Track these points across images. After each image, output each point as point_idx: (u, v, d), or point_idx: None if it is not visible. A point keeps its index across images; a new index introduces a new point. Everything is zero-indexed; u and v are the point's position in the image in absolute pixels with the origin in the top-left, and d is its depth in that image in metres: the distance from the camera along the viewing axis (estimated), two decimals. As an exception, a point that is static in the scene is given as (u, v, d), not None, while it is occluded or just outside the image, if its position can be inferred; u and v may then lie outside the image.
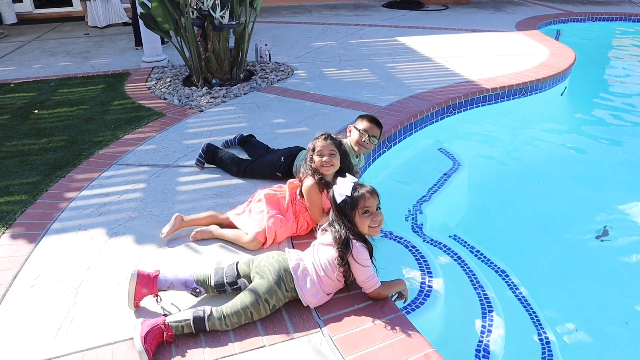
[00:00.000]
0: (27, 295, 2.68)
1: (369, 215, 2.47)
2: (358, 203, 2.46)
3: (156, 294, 2.54)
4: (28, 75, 6.99)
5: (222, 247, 3.02)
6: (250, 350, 2.28)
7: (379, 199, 2.53)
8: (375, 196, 2.51)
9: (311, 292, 2.48)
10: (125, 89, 6.18)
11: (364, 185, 2.53)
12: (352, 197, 2.47)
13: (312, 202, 3.01)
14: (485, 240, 3.91)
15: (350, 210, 2.47)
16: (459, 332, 3.01)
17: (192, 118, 5.11)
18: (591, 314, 3.34)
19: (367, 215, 2.47)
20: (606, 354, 3.04)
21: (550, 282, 3.62)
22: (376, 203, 2.50)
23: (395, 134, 4.75)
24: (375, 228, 2.50)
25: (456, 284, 3.30)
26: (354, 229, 2.48)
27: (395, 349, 2.25)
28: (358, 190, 2.49)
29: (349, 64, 6.97)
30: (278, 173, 3.67)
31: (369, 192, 2.49)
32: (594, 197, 4.61)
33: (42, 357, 2.28)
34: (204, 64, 6.06)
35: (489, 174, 4.95)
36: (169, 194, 3.64)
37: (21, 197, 3.67)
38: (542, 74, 6.09)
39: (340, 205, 2.49)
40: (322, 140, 3.02)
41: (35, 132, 4.91)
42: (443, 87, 5.75)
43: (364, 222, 2.47)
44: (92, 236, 3.18)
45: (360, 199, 2.47)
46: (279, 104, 5.42)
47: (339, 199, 2.49)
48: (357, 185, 2.52)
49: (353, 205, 2.47)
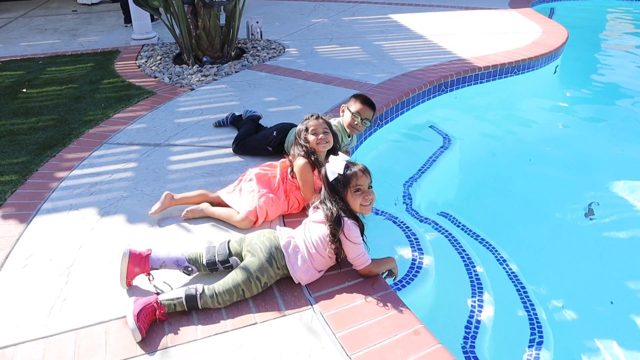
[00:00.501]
0: (20, 275, 2.69)
1: (361, 193, 2.49)
2: (350, 181, 2.48)
3: (148, 273, 2.55)
4: (15, 53, 6.89)
5: (213, 225, 3.03)
6: (242, 327, 2.30)
7: (370, 177, 2.55)
8: (367, 175, 2.53)
9: (302, 269, 2.50)
10: (115, 67, 6.11)
11: (356, 164, 2.55)
12: (345, 175, 2.48)
13: (305, 180, 3.03)
14: (476, 217, 3.94)
15: (342, 188, 2.49)
16: (448, 308, 3.05)
17: (183, 97, 5.07)
18: (578, 290, 3.39)
19: (359, 193, 2.49)
20: (591, 329, 3.10)
21: (539, 259, 3.66)
22: (368, 182, 2.52)
23: (387, 112, 4.74)
24: (366, 206, 2.52)
25: (446, 261, 3.34)
26: (345, 207, 2.50)
27: (386, 325, 2.28)
28: (350, 168, 2.51)
29: (341, 41, 6.91)
30: (269, 147, 3.68)
31: (361, 170, 2.51)
32: (584, 175, 4.64)
33: (36, 336, 2.29)
34: (194, 42, 6.00)
35: (480, 152, 4.96)
36: (160, 173, 3.63)
37: (11, 177, 3.65)
38: (534, 53, 6.07)
39: (332, 183, 2.51)
40: (313, 120, 3.07)
41: (24, 112, 4.86)
42: (435, 65, 5.73)
43: (355, 201, 2.49)
44: (84, 216, 3.18)
45: (352, 177, 2.48)
46: (271, 82, 5.38)
47: (331, 177, 2.50)
48: (350, 164, 2.53)
49: (345, 183, 2.48)
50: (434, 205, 4.08)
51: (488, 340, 2.83)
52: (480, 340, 2.81)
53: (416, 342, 2.20)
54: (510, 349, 2.88)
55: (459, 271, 3.29)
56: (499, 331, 2.93)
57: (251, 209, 2.98)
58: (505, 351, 2.87)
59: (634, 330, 3.09)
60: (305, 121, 3.09)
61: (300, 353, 2.17)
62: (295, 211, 3.14)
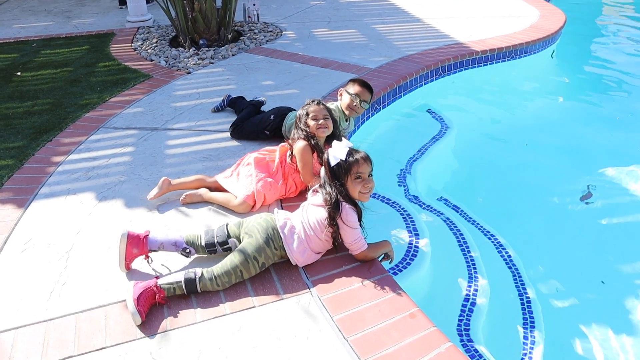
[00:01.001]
0: (19, 259, 2.70)
1: (361, 181, 2.52)
2: (351, 168, 2.50)
3: (147, 255, 2.57)
4: (8, 35, 6.83)
5: (211, 210, 3.04)
6: (241, 311, 2.33)
7: (372, 166, 2.57)
8: (368, 163, 2.55)
9: (298, 250, 2.52)
10: (110, 50, 6.06)
11: (359, 151, 2.56)
12: (347, 161, 2.50)
13: (305, 162, 3.05)
14: (472, 201, 3.97)
15: (343, 174, 2.51)
16: (444, 292, 3.08)
17: (179, 80, 5.05)
18: (572, 274, 3.43)
19: (359, 181, 2.52)
20: (584, 311, 3.14)
21: (534, 243, 3.69)
22: (369, 170, 2.54)
23: (385, 97, 4.74)
24: (365, 194, 2.55)
25: (443, 245, 3.36)
26: (344, 193, 2.52)
27: (382, 309, 2.31)
28: (353, 155, 2.52)
29: (339, 24, 6.87)
30: (267, 131, 3.69)
31: (363, 158, 2.53)
32: (580, 160, 4.66)
33: (36, 320, 2.31)
34: (190, 24, 5.94)
35: (477, 137, 4.97)
36: (158, 158, 3.63)
37: (8, 162, 3.65)
38: (532, 37, 6.05)
39: (333, 169, 2.53)
40: (314, 105, 3.08)
41: (19, 95, 4.84)
42: (433, 49, 5.71)
43: (355, 188, 2.52)
44: (82, 200, 3.19)
45: (354, 165, 2.50)
46: (268, 65, 5.36)
47: (333, 162, 2.53)
48: (352, 151, 2.55)
49: (346, 169, 2.51)
50: (431, 189, 4.09)
51: (482, 322, 2.87)
52: (475, 323, 2.85)
53: (412, 324, 2.23)
54: (504, 331, 2.92)
55: (455, 255, 3.32)
56: (494, 314, 2.97)
57: (249, 194, 2.99)
58: (499, 333, 2.91)
59: (625, 312, 3.14)
60: (306, 106, 3.10)
61: (297, 336, 2.20)
62: (293, 195, 3.16)
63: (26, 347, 2.19)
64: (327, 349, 2.13)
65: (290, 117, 3.63)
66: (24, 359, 2.14)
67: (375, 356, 2.08)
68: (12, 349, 2.18)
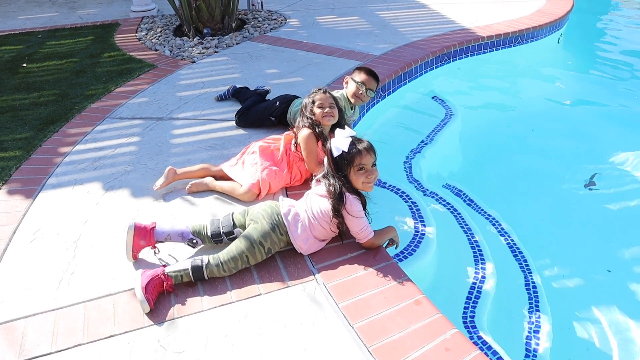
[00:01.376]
0: (27, 249, 2.73)
1: (364, 172, 2.48)
2: (354, 160, 2.47)
3: (154, 246, 2.59)
4: (13, 27, 6.84)
5: (217, 199, 3.06)
6: (247, 299, 2.35)
7: (375, 155, 2.53)
8: (371, 153, 2.50)
9: (302, 237, 2.54)
10: (115, 40, 6.07)
11: (362, 141, 2.52)
12: (349, 152, 2.46)
13: (309, 150, 3.05)
14: (478, 188, 3.96)
15: (346, 166, 2.48)
16: (450, 279, 3.09)
17: (184, 69, 5.05)
18: (577, 260, 3.42)
19: (362, 172, 2.48)
20: (589, 298, 3.14)
21: (539, 230, 3.69)
22: (372, 160, 2.50)
23: (390, 83, 4.72)
24: (369, 184, 2.52)
25: (448, 232, 3.37)
26: (347, 183, 2.50)
27: (387, 296, 2.32)
28: (356, 146, 2.48)
29: (343, 11, 6.83)
30: (272, 117, 3.70)
31: (366, 149, 2.49)
32: (586, 146, 4.63)
33: (46, 309, 2.34)
34: (194, 13, 5.93)
35: (482, 123, 4.95)
36: (164, 147, 3.64)
37: (15, 153, 3.67)
38: (538, 22, 5.99)
39: (336, 159, 2.50)
40: (321, 93, 3.08)
41: (25, 87, 4.86)
42: (438, 35, 5.67)
43: (358, 179, 2.49)
44: (89, 190, 3.21)
45: (356, 156, 2.47)
46: (272, 53, 5.35)
47: (336, 153, 2.49)
48: (356, 141, 2.50)
49: (349, 161, 2.47)
50: (436, 176, 4.09)
51: (488, 309, 2.88)
52: (480, 310, 2.87)
53: (417, 311, 2.24)
54: (509, 318, 2.93)
55: (460, 242, 3.33)
56: (499, 301, 2.98)
57: (254, 182, 3.00)
58: (504, 319, 2.93)
59: (631, 298, 3.14)
60: (313, 94, 3.10)
61: (303, 323, 2.21)
62: (298, 183, 3.17)
63: (36, 335, 2.22)
64: (333, 336, 2.15)
65: (295, 104, 3.64)
66: (34, 346, 2.17)
67: (381, 343, 2.09)
68: (22, 337, 2.22)
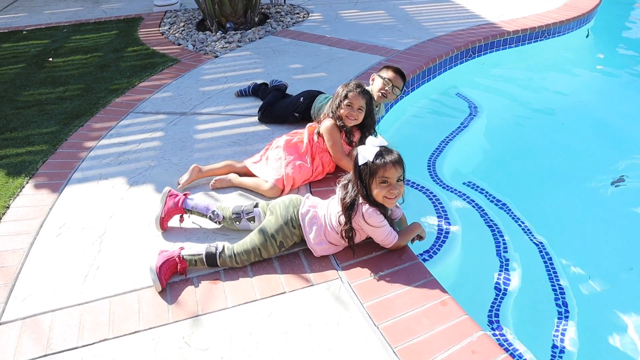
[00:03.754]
0: (54, 243, 2.76)
1: (387, 185, 2.35)
2: (377, 172, 2.33)
3: (182, 216, 2.78)
4: (40, 21, 6.91)
5: (241, 195, 3.05)
6: (271, 297, 2.34)
7: (403, 170, 2.37)
8: (397, 167, 2.34)
9: (316, 241, 2.52)
10: (138, 34, 6.10)
11: (392, 153, 2.37)
12: (374, 163, 2.33)
13: (333, 141, 3.04)
14: (503, 186, 3.90)
15: (368, 176, 2.35)
16: (474, 278, 3.05)
17: (207, 64, 5.06)
18: (603, 260, 3.34)
19: (385, 185, 2.35)
20: (617, 300, 3.07)
21: (566, 229, 3.61)
22: (397, 175, 2.35)
23: (414, 79, 4.66)
24: (390, 199, 2.38)
25: (473, 231, 3.32)
26: (366, 195, 2.39)
27: (413, 296, 2.29)
28: (383, 157, 2.33)
29: (366, 5, 6.77)
30: (296, 113, 3.68)
31: (392, 162, 2.33)
32: (615, 143, 4.52)
33: (72, 303, 2.37)
34: (217, 8, 5.93)
35: (508, 120, 4.87)
36: (187, 142, 3.65)
37: (42, 147, 3.71)
38: (565, 16, 5.87)
39: (360, 167, 2.38)
40: (356, 92, 3.00)
41: (51, 81, 4.91)
42: (462, 30, 5.59)
43: (380, 192, 2.36)
44: (113, 185, 3.23)
45: (380, 168, 2.33)
46: (295, 48, 5.32)
47: (361, 161, 2.36)
48: (384, 151, 2.36)
49: (372, 172, 2.34)
50: (461, 174, 4.03)
51: (513, 310, 2.84)
52: (505, 310, 2.82)
53: (443, 312, 2.21)
54: (535, 318, 2.89)
55: (485, 241, 3.28)
56: (524, 301, 2.93)
57: (279, 177, 2.99)
58: (530, 320, 2.88)
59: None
60: (348, 89, 3.02)
61: (328, 322, 2.20)
62: (320, 176, 3.15)
63: (63, 329, 2.24)
64: (358, 336, 2.13)
65: (319, 99, 3.62)
66: (61, 340, 2.19)
67: (406, 344, 2.07)
68: (49, 331, 2.24)
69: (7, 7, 7.73)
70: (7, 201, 3.12)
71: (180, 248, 2.53)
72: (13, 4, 7.87)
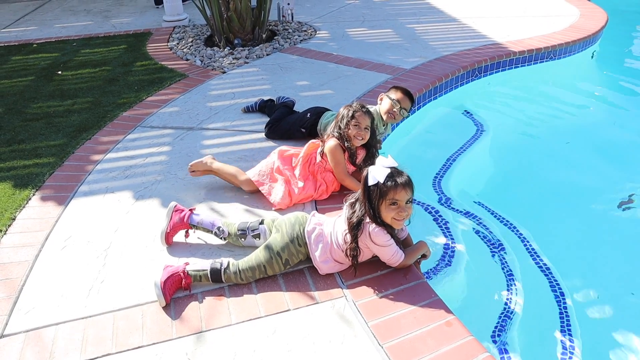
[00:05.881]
0: (59, 256, 2.76)
1: (396, 207, 2.34)
2: (387, 194, 2.32)
3: (187, 232, 2.79)
4: (50, 35, 6.99)
5: (247, 211, 3.05)
6: (276, 314, 2.33)
7: (412, 192, 2.37)
8: (407, 190, 2.33)
9: (321, 259, 2.51)
10: (147, 49, 6.15)
11: (402, 174, 2.35)
12: (385, 185, 2.31)
13: (337, 161, 3.05)
14: (508, 206, 3.89)
15: (378, 197, 2.34)
16: (480, 298, 3.03)
17: (215, 79, 5.09)
18: (609, 283, 3.32)
19: (394, 207, 2.34)
20: (622, 323, 3.03)
21: (571, 250, 3.60)
22: (407, 197, 2.34)
23: (420, 98, 4.68)
24: (398, 221, 2.38)
25: (478, 251, 3.31)
26: (373, 215, 2.38)
27: (418, 316, 2.28)
28: (393, 179, 2.32)
29: (373, 24, 6.82)
30: (303, 129, 3.70)
31: (402, 184, 2.32)
32: (621, 165, 4.52)
33: (76, 316, 2.36)
34: (225, 24, 5.99)
35: (514, 140, 4.87)
36: (194, 157, 3.63)
37: (49, 160, 3.73)
38: (571, 37, 5.89)
39: (370, 188, 2.36)
40: (362, 112, 3.03)
41: (59, 94, 4.95)
42: (469, 50, 5.62)
43: (388, 213, 2.35)
44: (119, 199, 3.24)
45: (390, 190, 2.31)
46: (302, 65, 5.36)
47: (371, 182, 2.35)
48: (395, 173, 2.34)
49: (382, 194, 2.32)
50: (466, 193, 4.03)
51: (518, 331, 2.82)
52: (511, 331, 2.80)
53: (448, 333, 2.19)
54: (540, 340, 2.86)
55: (490, 261, 3.26)
56: (529, 321, 2.90)
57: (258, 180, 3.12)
58: (536, 342, 2.85)
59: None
60: (353, 107, 3.05)
61: (332, 341, 2.18)
62: (325, 195, 3.15)
63: (66, 343, 2.24)
64: (362, 355, 2.11)
65: (326, 116, 3.64)
66: (63, 354, 2.18)
67: (411, 364, 2.05)
68: (52, 344, 2.23)
69: (18, 20, 7.83)
70: (13, 213, 3.13)
71: (185, 263, 2.53)
72: (24, 17, 7.97)
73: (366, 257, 2.54)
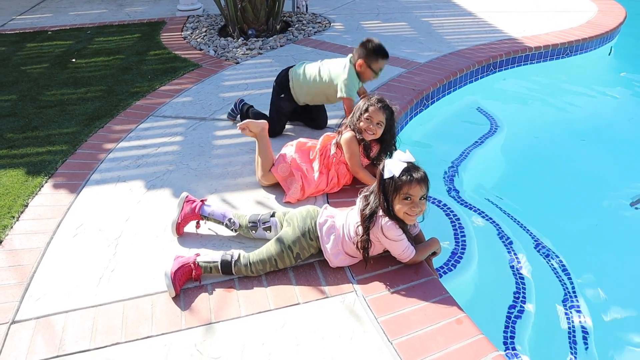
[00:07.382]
0: (70, 244, 2.77)
1: (410, 202, 2.32)
2: (402, 188, 2.30)
3: (198, 223, 2.79)
4: (65, 22, 7.01)
5: (258, 203, 3.05)
6: (285, 307, 2.32)
7: (427, 189, 2.34)
8: (422, 185, 2.31)
9: (333, 252, 2.50)
10: (160, 38, 6.16)
11: (418, 170, 2.34)
12: (400, 179, 2.30)
13: (351, 153, 3.02)
14: (521, 203, 3.85)
15: (392, 191, 2.33)
16: (490, 296, 3.01)
17: (228, 70, 5.08)
18: (621, 282, 3.28)
19: (408, 202, 2.32)
20: (634, 323, 3.00)
21: (583, 248, 3.56)
22: (422, 193, 2.32)
23: (434, 92, 4.64)
24: (410, 217, 2.36)
25: (489, 248, 3.29)
26: (387, 208, 2.37)
27: (428, 313, 2.26)
28: (409, 173, 2.31)
29: (387, 17, 6.77)
30: (281, 95, 3.71)
31: (418, 180, 2.30)
32: (634, 163, 4.45)
33: (86, 305, 2.37)
34: (239, 14, 5.97)
35: (527, 137, 4.81)
36: (206, 148, 3.66)
37: (62, 147, 3.75)
38: (588, 33, 5.81)
39: (384, 181, 2.35)
40: (377, 107, 2.95)
41: (73, 82, 4.96)
42: (484, 45, 5.55)
43: (401, 208, 2.34)
44: (131, 188, 3.25)
45: (405, 185, 2.30)
46: (316, 57, 5.30)
47: (387, 175, 2.33)
48: (411, 168, 2.33)
49: (396, 187, 2.31)
50: (479, 189, 4.00)
51: (529, 330, 2.80)
52: (521, 330, 2.78)
53: (458, 331, 2.17)
54: (551, 340, 2.83)
55: (501, 258, 3.24)
56: (541, 320, 2.88)
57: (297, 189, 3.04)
58: (546, 342, 2.83)
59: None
60: (370, 101, 2.98)
61: (342, 336, 2.17)
62: (336, 188, 3.13)
63: (76, 331, 2.25)
64: (371, 351, 2.10)
65: (294, 72, 3.68)
66: (73, 342, 2.19)
67: (420, 361, 2.04)
68: (62, 332, 2.24)
69: (33, 7, 7.86)
70: (25, 200, 3.15)
71: (196, 254, 2.53)
72: (39, 5, 8.00)
73: (377, 251, 2.52)
